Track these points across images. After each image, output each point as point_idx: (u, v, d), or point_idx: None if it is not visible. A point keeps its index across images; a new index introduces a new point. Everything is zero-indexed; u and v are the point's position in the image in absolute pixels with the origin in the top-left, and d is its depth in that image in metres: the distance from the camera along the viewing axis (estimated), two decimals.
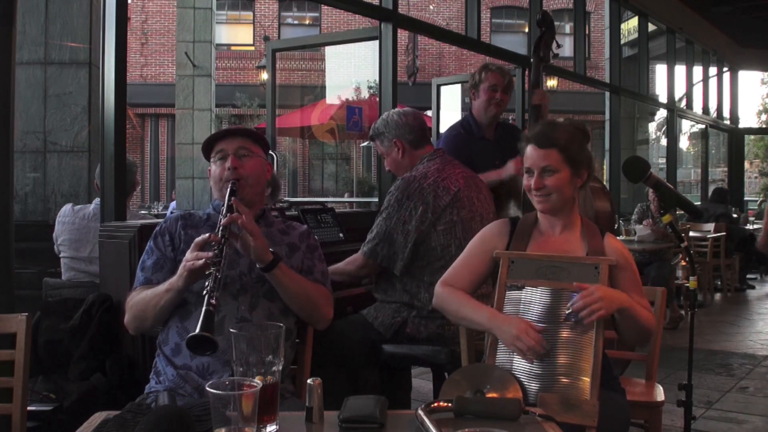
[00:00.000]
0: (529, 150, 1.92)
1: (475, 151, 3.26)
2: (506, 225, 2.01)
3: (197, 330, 1.56)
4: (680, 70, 10.54)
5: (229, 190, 1.86)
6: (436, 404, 1.39)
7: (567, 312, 1.72)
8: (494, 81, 3.29)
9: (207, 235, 1.74)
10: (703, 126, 12.48)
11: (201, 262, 1.69)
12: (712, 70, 11.75)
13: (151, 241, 1.94)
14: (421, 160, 2.63)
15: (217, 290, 1.64)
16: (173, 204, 10.45)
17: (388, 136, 2.65)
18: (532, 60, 3.52)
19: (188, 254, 1.73)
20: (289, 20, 18.70)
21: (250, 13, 18.30)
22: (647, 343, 2.14)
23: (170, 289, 1.76)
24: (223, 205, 1.84)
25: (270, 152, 2.10)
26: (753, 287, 8.55)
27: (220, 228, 1.74)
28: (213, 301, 1.62)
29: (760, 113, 24.05)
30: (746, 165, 15.99)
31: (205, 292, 1.64)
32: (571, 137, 1.91)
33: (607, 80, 8.20)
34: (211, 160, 1.97)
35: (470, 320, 1.89)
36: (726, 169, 13.46)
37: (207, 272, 1.68)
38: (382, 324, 2.53)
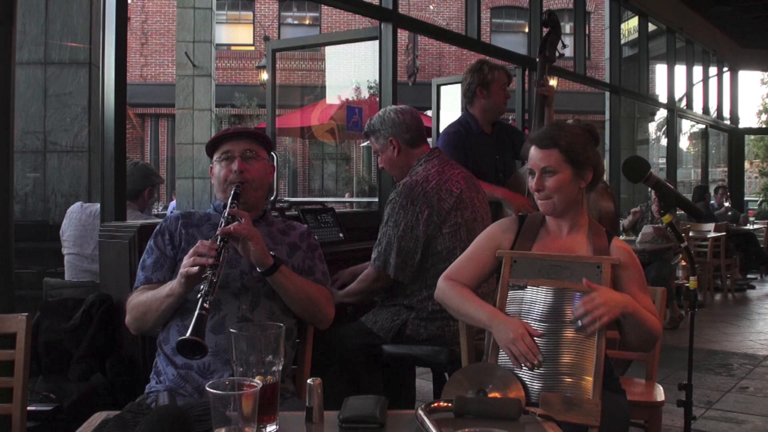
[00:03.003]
0: (532, 151, 1.92)
1: (474, 148, 3.27)
2: (514, 223, 2.00)
3: (188, 333, 1.55)
4: (680, 70, 10.55)
5: (232, 193, 1.86)
6: (436, 404, 1.39)
7: (571, 321, 1.73)
8: (506, 79, 3.34)
9: (207, 241, 1.73)
10: (703, 126, 12.48)
11: (196, 269, 1.67)
12: (712, 70, 11.75)
13: (151, 240, 1.94)
14: (418, 161, 2.61)
15: (212, 294, 1.63)
16: (173, 204, 10.45)
17: (384, 133, 2.63)
18: (537, 60, 3.54)
19: (185, 259, 1.72)
20: (289, 20, 18.70)
21: (250, 13, 18.30)
22: (652, 348, 2.11)
23: (171, 294, 1.76)
24: (225, 208, 1.84)
25: (271, 152, 2.09)
26: (753, 287, 8.55)
27: (219, 233, 1.73)
28: (206, 305, 1.60)
29: (760, 113, 24.03)
30: (746, 165, 15.98)
31: (199, 295, 1.62)
32: (574, 138, 1.90)
33: (607, 80, 8.20)
34: (215, 159, 1.96)
35: (471, 317, 1.89)
36: (726, 169, 13.46)
37: (203, 275, 1.67)
38: (382, 328, 2.51)
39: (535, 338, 1.74)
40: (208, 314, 1.61)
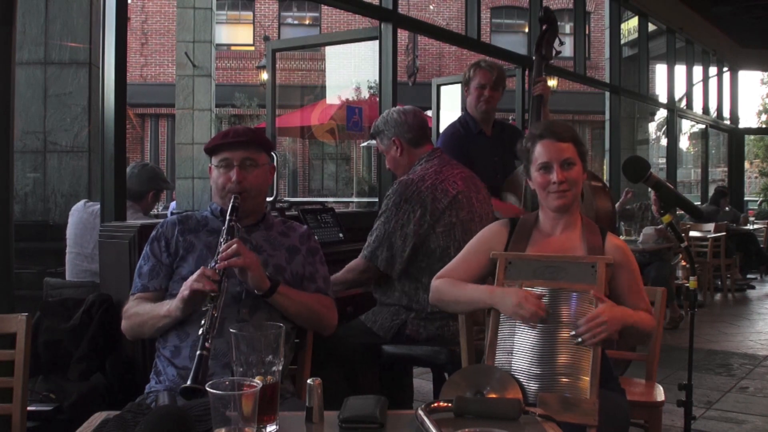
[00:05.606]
0: (546, 144, 1.90)
1: (473, 148, 3.27)
2: (506, 226, 2.01)
3: (189, 381, 1.51)
4: (680, 70, 10.55)
5: (231, 206, 1.84)
6: (436, 404, 1.39)
7: (571, 334, 1.73)
8: (482, 79, 3.33)
9: (209, 270, 1.69)
10: (703, 126, 12.49)
11: (199, 285, 1.65)
12: (712, 70, 11.75)
13: (147, 246, 1.93)
14: (419, 161, 2.62)
15: (213, 330, 1.59)
16: (173, 204, 10.45)
17: (387, 134, 2.65)
18: (534, 57, 3.53)
19: (184, 285, 1.71)
20: (289, 20, 18.70)
21: (250, 13, 18.30)
22: (648, 341, 2.15)
23: (168, 316, 1.76)
24: (222, 214, 1.83)
25: (271, 153, 2.09)
26: (753, 287, 8.54)
27: (218, 267, 1.70)
28: (207, 345, 1.56)
29: (760, 113, 24.05)
30: (746, 165, 15.98)
31: (201, 331, 1.59)
32: (576, 134, 1.94)
33: (607, 80, 8.20)
34: (214, 163, 1.94)
35: (470, 300, 1.90)
36: (726, 169, 13.47)
37: (204, 308, 1.65)
38: (382, 327, 2.52)
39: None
40: (210, 354, 1.56)
